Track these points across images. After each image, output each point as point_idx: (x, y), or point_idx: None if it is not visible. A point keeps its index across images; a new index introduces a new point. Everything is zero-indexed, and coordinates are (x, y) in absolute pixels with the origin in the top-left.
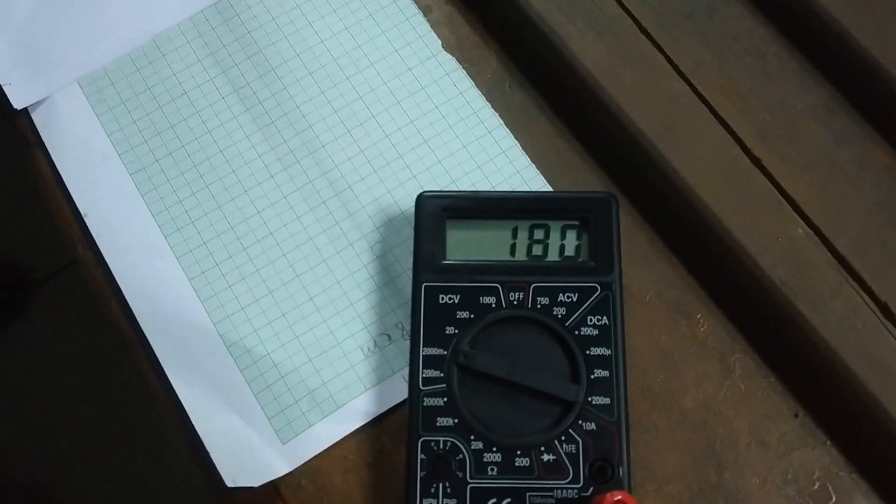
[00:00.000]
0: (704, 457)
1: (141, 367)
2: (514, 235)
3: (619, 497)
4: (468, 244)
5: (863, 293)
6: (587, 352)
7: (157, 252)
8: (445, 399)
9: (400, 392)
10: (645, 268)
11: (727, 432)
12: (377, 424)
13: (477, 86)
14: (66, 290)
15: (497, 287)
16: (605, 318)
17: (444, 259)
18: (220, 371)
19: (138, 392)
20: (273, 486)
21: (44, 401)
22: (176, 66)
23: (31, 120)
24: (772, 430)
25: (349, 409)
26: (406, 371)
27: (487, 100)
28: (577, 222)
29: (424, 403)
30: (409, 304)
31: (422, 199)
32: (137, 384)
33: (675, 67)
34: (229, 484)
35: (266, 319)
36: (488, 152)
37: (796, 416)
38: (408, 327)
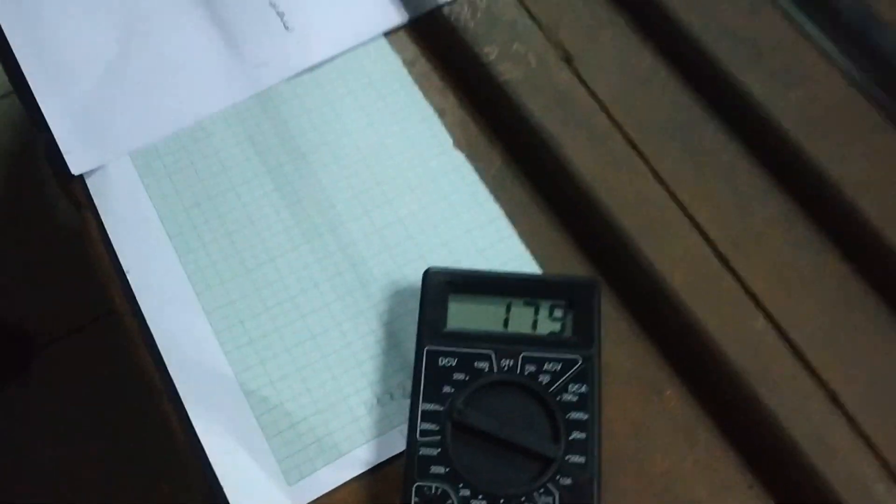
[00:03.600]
0: None
1: (165, 412)
2: (508, 310)
3: None
4: (467, 315)
5: (813, 382)
6: (567, 415)
7: (190, 308)
8: (439, 449)
9: (397, 445)
10: (623, 347)
11: (689, 498)
12: (375, 472)
13: (482, 179)
14: (83, 348)
15: (490, 354)
16: (584, 386)
17: (446, 327)
18: (239, 416)
19: (161, 438)
20: None
21: (63, 445)
22: (218, 146)
23: (86, 185)
24: (728, 499)
25: (351, 457)
26: (404, 427)
27: (491, 192)
28: (563, 302)
29: (420, 452)
30: (411, 367)
31: (429, 274)
32: (161, 432)
33: (656, 175)
34: None
35: (282, 373)
36: (489, 239)
37: (750, 487)
38: (408, 388)
